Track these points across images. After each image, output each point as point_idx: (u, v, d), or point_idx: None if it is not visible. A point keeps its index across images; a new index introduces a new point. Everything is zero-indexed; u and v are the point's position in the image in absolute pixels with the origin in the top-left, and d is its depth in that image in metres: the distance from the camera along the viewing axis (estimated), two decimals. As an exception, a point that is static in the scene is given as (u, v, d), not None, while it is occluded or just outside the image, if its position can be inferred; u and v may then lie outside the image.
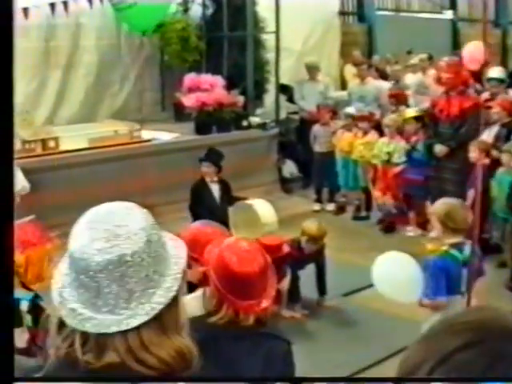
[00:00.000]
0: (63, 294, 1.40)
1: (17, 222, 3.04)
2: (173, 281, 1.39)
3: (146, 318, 1.34)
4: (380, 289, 3.74)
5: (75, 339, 1.37)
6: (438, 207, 4.08)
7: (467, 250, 3.85)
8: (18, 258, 3.06)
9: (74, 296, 1.38)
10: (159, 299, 1.36)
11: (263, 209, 5.59)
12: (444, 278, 3.81)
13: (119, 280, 1.34)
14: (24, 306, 3.26)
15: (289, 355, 2.44)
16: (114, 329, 1.34)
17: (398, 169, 7.79)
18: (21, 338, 2.91)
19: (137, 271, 1.34)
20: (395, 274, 3.69)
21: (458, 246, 3.89)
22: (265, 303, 2.30)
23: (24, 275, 3.21)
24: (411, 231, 7.74)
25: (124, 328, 1.34)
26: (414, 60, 11.03)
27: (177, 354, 1.37)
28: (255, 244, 2.50)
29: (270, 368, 2.32)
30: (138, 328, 1.34)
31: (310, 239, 5.70)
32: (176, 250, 1.46)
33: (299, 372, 2.53)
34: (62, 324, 1.40)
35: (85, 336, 1.36)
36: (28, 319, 3.21)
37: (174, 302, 1.39)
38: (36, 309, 3.29)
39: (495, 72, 8.59)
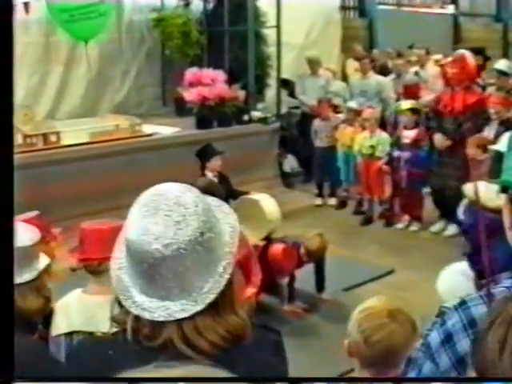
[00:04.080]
0: (121, 276, 1.41)
1: (22, 217, 3.02)
2: (225, 266, 1.38)
3: (200, 307, 1.34)
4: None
5: (128, 321, 1.38)
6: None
7: None
8: None
9: (130, 281, 1.39)
10: (213, 287, 1.36)
11: (269, 205, 5.52)
12: None
13: (174, 269, 1.33)
14: None
15: (279, 346, 2.38)
16: (168, 317, 1.34)
17: (381, 162, 7.80)
18: None
19: (191, 260, 1.34)
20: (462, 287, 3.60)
21: None
22: (249, 291, 2.29)
23: None
24: (413, 225, 7.74)
25: (179, 317, 1.34)
26: (413, 55, 11.01)
27: (229, 334, 1.38)
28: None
29: (258, 360, 2.27)
30: (192, 316, 1.34)
31: (307, 254, 5.53)
32: (229, 224, 1.44)
33: (299, 365, 2.50)
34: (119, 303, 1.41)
35: (138, 320, 1.37)
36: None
37: (228, 285, 1.38)
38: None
39: (500, 64, 8.64)
